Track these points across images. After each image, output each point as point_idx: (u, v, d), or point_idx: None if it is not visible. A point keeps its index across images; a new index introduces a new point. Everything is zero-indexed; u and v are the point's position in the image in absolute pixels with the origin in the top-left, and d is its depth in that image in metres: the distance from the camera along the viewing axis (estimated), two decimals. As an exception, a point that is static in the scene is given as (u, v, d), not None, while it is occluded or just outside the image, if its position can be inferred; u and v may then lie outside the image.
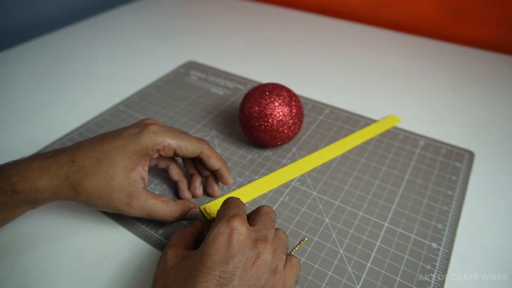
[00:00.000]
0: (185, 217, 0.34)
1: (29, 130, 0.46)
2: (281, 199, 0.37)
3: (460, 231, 0.34)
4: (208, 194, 0.37)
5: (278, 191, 0.38)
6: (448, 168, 0.41)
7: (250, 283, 0.23)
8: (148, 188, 0.38)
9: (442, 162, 0.41)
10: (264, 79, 0.56)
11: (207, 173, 0.36)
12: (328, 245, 0.33)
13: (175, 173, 0.36)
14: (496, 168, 0.41)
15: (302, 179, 0.39)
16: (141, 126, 0.32)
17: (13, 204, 0.29)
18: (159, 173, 0.40)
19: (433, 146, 0.44)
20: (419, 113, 0.49)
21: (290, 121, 0.38)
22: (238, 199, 0.29)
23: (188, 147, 0.32)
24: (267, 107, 0.38)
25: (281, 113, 0.38)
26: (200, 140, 0.34)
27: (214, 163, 0.34)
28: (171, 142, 0.31)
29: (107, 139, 0.31)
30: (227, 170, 0.36)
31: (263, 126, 0.38)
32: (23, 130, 0.46)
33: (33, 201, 0.29)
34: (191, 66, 0.59)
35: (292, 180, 0.39)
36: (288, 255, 0.28)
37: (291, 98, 0.39)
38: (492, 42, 0.67)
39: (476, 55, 0.63)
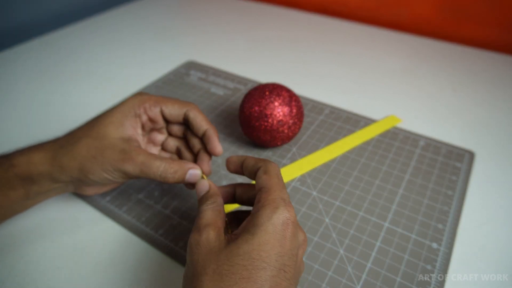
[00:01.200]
0: (184, 181, 0.30)
1: (29, 130, 0.46)
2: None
3: (460, 231, 0.34)
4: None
5: (278, 191, 0.38)
6: (448, 168, 0.41)
7: (296, 269, 0.24)
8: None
9: (442, 162, 0.41)
10: (264, 79, 0.56)
11: (197, 146, 0.34)
12: (328, 245, 0.33)
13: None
14: (496, 168, 0.41)
15: (302, 179, 0.39)
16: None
17: (7, 183, 0.29)
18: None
19: (433, 146, 0.44)
20: (419, 113, 0.49)
21: (290, 121, 0.38)
22: (278, 168, 0.27)
23: (174, 105, 0.32)
24: (267, 107, 0.38)
25: (281, 113, 0.38)
26: (188, 102, 0.33)
27: (201, 122, 0.32)
28: (157, 99, 0.32)
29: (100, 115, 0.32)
30: (215, 133, 0.32)
31: (263, 126, 0.38)
32: (23, 130, 0.46)
33: (28, 177, 0.29)
34: (191, 66, 0.59)
35: (292, 180, 0.39)
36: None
37: (291, 98, 0.39)
38: (492, 42, 0.67)
39: (476, 55, 0.63)
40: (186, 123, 0.34)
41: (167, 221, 0.35)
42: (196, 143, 0.34)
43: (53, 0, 0.73)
